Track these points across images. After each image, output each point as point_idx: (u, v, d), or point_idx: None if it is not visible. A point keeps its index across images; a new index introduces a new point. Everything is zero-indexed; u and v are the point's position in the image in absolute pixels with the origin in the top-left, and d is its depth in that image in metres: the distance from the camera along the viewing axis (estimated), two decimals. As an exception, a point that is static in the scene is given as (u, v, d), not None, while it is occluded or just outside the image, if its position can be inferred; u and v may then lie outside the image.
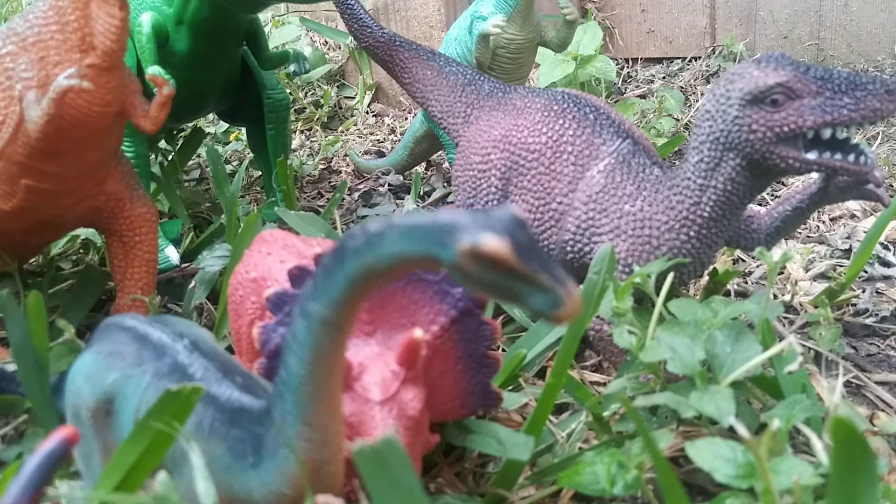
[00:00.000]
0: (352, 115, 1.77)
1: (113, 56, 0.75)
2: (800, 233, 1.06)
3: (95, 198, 0.84)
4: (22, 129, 0.75)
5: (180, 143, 1.33)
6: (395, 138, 1.63)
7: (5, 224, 0.82)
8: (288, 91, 1.55)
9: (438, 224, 0.33)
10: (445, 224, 0.33)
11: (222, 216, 1.09)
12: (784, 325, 0.81)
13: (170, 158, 1.28)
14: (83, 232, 1.09)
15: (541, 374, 0.73)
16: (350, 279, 0.37)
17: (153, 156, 1.26)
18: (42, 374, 0.69)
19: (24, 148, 0.75)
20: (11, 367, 0.79)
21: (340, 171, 1.47)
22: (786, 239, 1.02)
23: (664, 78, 1.73)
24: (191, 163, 1.42)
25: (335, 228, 1.03)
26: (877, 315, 0.83)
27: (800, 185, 1.19)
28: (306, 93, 1.80)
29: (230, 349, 0.79)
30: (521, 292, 0.32)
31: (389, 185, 1.35)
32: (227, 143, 1.59)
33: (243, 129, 1.38)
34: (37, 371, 0.68)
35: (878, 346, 0.78)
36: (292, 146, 1.41)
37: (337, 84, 1.86)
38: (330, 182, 1.42)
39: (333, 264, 0.37)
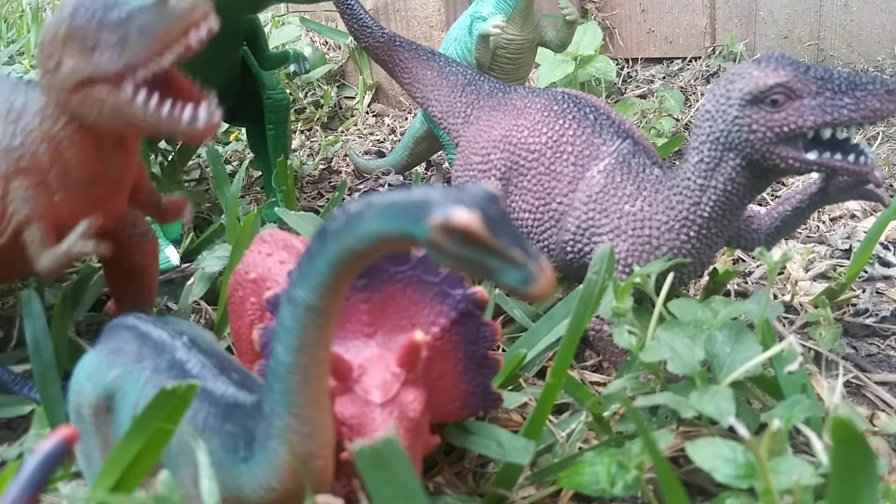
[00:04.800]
0: (352, 115, 1.77)
1: (125, 184, 0.69)
2: (800, 233, 1.06)
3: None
4: (17, 242, 0.67)
5: (180, 143, 1.33)
6: (395, 138, 1.63)
7: None
8: (288, 91, 1.55)
9: (412, 201, 0.33)
10: (419, 201, 0.33)
11: (222, 216, 1.09)
12: (784, 325, 0.81)
13: (170, 158, 1.28)
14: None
15: (541, 374, 0.73)
16: (332, 262, 0.37)
17: (153, 156, 1.26)
18: (55, 373, 0.69)
19: (23, 251, 0.68)
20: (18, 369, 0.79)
21: (340, 172, 1.47)
22: (786, 239, 1.02)
23: (664, 78, 1.73)
24: (191, 163, 1.42)
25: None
26: (877, 315, 0.83)
27: (800, 185, 1.19)
28: (306, 93, 1.80)
29: (230, 349, 0.79)
30: (495, 268, 0.32)
31: (389, 185, 1.35)
32: (227, 143, 1.59)
33: (243, 129, 1.38)
34: (51, 370, 0.69)
35: (878, 346, 0.78)
36: (292, 146, 1.40)
37: (337, 84, 1.86)
38: (330, 182, 1.42)
39: (316, 248, 0.37)
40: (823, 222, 1.08)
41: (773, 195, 1.18)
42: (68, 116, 0.64)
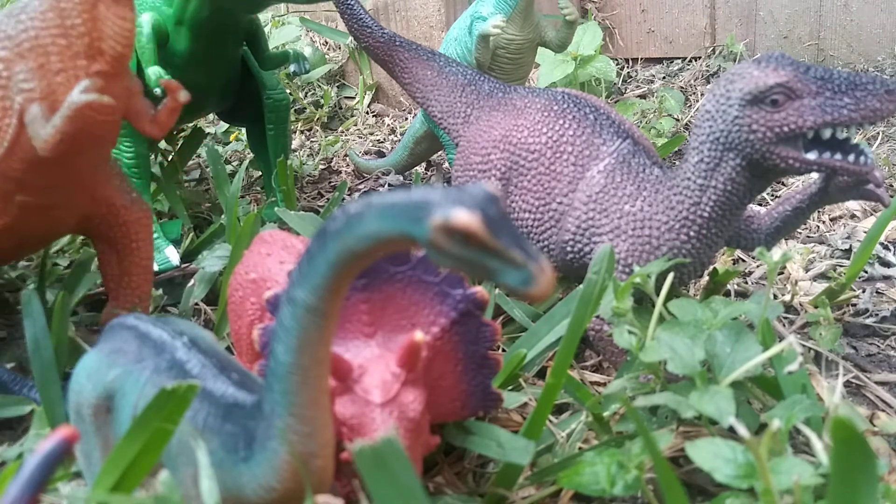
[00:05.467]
0: (352, 115, 1.77)
1: (122, 61, 0.70)
2: (800, 233, 1.06)
3: (87, 206, 0.79)
4: (20, 144, 0.69)
5: (180, 143, 1.33)
6: (395, 138, 1.63)
7: None
8: (288, 91, 1.55)
9: (412, 202, 0.33)
10: (419, 201, 0.33)
11: (222, 216, 1.09)
12: (784, 325, 0.81)
13: (170, 158, 1.28)
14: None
15: (541, 374, 0.73)
16: (332, 262, 0.37)
17: (153, 156, 1.26)
18: (55, 373, 0.69)
19: (23, 164, 0.70)
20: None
21: (340, 172, 1.47)
22: (786, 239, 1.02)
23: (664, 78, 1.73)
24: (191, 163, 1.42)
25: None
26: (877, 315, 0.83)
27: (800, 185, 1.19)
28: (306, 93, 1.80)
29: (230, 349, 0.80)
30: (495, 269, 0.32)
31: (389, 185, 1.35)
32: (227, 143, 1.59)
33: (243, 129, 1.39)
34: (51, 370, 0.69)
35: (878, 346, 0.78)
36: (292, 146, 1.41)
37: (337, 84, 1.86)
38: (330, 182, 1.42)
39: (316, 248, 0.37)
40: (823, 222, 1.08)
41: (773, 195, 1.18)
42: None
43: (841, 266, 0.95)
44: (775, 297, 0.88)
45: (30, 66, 0.68)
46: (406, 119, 1.73)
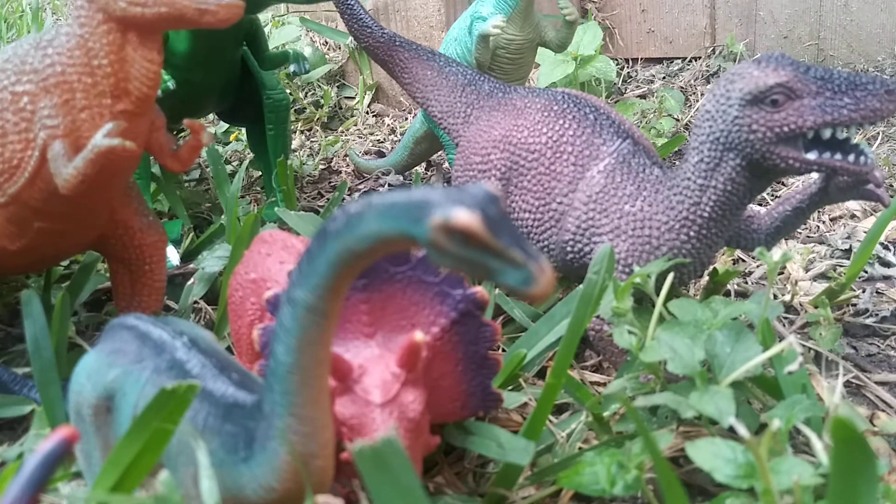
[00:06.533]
0: (352, 115, 1.77)
1: (147, 101, 0.70)
2: (800, 233, 1.06)
3: (104, 228, 0.80)
4: (41, 176, 0.69)
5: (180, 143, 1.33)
6: (395, 138, 1.63)
7: (8, 261, 0.78)
8: (288, 91, 1.55)
9: (413, 201, 0.33)
10: (419, 201, 0.33)
11: (222, 216, 1.09)
12: (784, 325, 0.81)
13: (170, 158, 1.27)
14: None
15: (541, 374, 0.73)
16: (332, 262, 0.37)
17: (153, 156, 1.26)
18: (55, 373, 0.69)
19: (43, 194, 0.71)
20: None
21: (340, 172, 1.47)
22: (786, 239, 1.02)
23: (664, 78, 1.73)
24: (191, 163, 1.41)
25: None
26: (877, 315, 0.83)
27: (800, 185, 1.19)
28: (306, 93, 1.80)
29: (230, 350, 0.80)
30: (495, 269, 0.32)
31: (389, 185, 1.35)
32: (227, 143, 1.59)
33: (243, 129, 1.39)
34: (51, 370, 0.69)
35: (878, 346, 0.78)
36: (292, 146, 1.40)
37: (337, 84, 1.86)
38: (330, 182, 1.42)
39: (316, 248, 0.37)
40: (823, 222, 1.08)
41: (773, 195, 1.18)
42: (101, 15, 0.67)
43: (841, 266, 0.95)
44: (775, 297, 0.88)
45: (54, 101, 0.68)
46: (406, 119, 1.73)
